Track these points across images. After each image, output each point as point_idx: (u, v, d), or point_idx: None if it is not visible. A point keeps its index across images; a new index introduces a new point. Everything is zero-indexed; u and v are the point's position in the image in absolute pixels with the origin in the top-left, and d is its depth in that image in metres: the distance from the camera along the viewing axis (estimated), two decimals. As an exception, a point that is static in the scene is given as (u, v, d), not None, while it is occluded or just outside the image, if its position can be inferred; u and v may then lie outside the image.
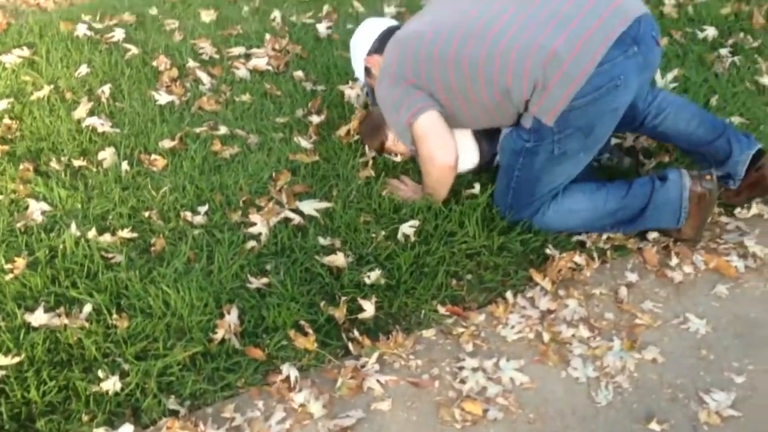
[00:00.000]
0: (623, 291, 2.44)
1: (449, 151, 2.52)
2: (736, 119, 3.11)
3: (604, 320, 2.35)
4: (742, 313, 2.37)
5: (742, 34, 3.70)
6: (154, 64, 3.50)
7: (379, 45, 2.73)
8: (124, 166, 2.88)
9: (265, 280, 2.42)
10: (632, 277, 2.50)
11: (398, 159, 2.91)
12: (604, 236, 2.63)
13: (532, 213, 2.58)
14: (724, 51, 3.58)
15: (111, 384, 2.08)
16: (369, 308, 2.33)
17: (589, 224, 2.60)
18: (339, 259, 2.48)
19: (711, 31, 3.71)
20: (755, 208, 2.73)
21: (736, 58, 3.52)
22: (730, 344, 2.27)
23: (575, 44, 2.26)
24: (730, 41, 3.67)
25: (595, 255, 2.55)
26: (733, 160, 2.62)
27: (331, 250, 2.53)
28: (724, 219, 2.70)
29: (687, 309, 2.38)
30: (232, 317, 2.28)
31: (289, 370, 2.15)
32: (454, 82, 2.45)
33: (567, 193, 2.57)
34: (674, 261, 2.54)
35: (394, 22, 2.88)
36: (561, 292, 2.44)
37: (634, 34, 2.30)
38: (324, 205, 2.70)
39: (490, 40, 2.35)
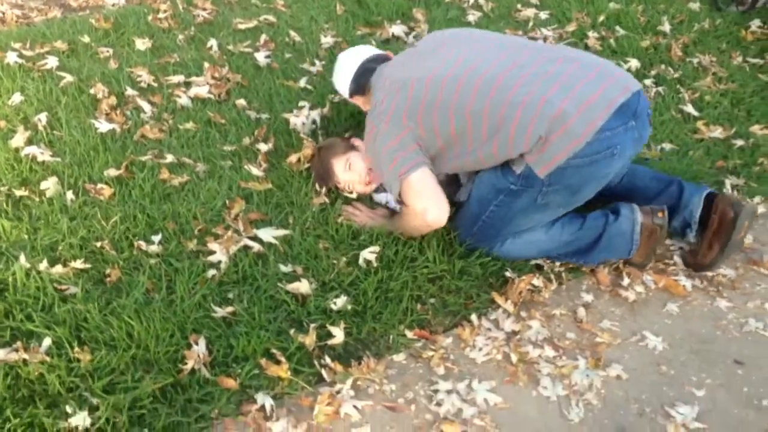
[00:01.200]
0: (581, 311, 2.51)
1: (444, 211, 2.51)
2: (666, 145, 3.28)
3: (567, 340, 2.41)
4: (694, 330, 2.47)
5: (663, 66, 3.89)
6: (92, 91, 3.40)
7: (356, 86, 2.79)
8: (69, 195, 2.79)
9: (230, 308, 2.38)
10: (588, 297, 2.58)
11: (354, 195, 2.90)
12: (559, 260, 2.70)
13: (492, 245, 2.62)
14: (648, 81, 3.75)
15: (81, 419, 1.99)
16: (339, 334, 2.32)
17: (544, 254, 2.66)
18: (303, 286, 2.46)
19: (634, 63, 3.89)
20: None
21: (660, 88, 3.70)
22: (687, 359, 2.36)
23: (580, 105, 2.28)
24: (653, 72, 3.85)
25: (552, 277, 2.62)
26: (684, 202, 2.68)
27: (294, 277, 2.51)
28: (668, 242, 2.81)
29: (643, 327, 2.47)
30: (200, 347, 2.23)
31: (263, 399, 2.11)
32: (454, 131, 2.43)
33: None
34: (626, 281, 2.63)
35: (367, 54, 2.85)
36: (523, 314, 2.49)
37: (634, 108, 2.36)
38: (282, 232, 2.68)
39: (494, 93, 2.35)
